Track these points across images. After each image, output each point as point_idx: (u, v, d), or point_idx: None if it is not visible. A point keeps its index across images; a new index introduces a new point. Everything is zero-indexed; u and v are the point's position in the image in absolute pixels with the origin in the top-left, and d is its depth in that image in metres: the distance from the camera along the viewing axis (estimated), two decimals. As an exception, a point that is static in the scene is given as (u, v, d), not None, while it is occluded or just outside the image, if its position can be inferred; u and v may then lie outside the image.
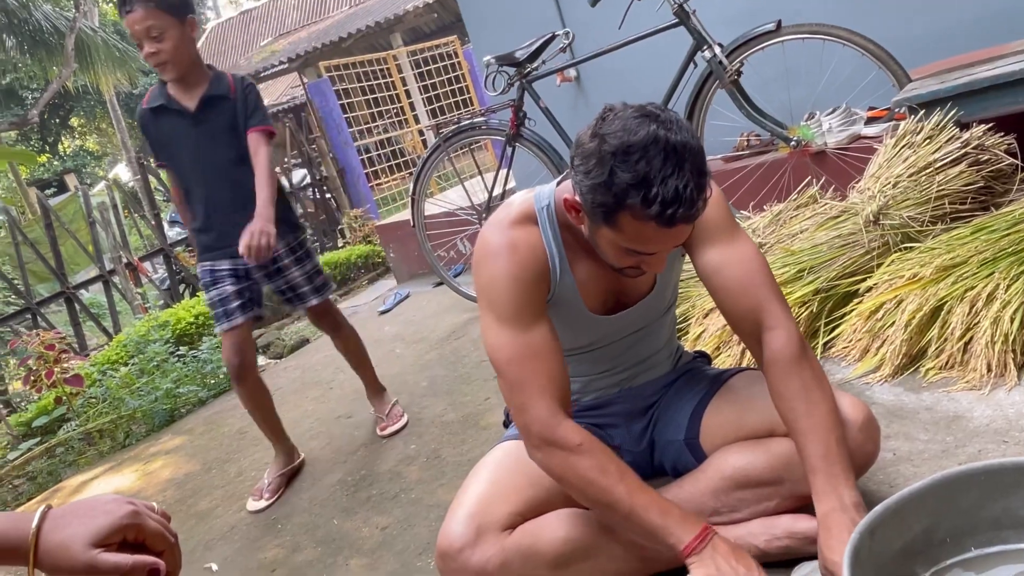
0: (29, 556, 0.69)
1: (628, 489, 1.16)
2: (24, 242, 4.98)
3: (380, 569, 1.75)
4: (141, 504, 0.75)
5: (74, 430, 3.42)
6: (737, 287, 1.27)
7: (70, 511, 0.72)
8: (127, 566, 0.70)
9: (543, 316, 1.27)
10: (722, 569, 1.12)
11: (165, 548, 0.75)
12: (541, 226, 1.30)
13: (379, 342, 3.64)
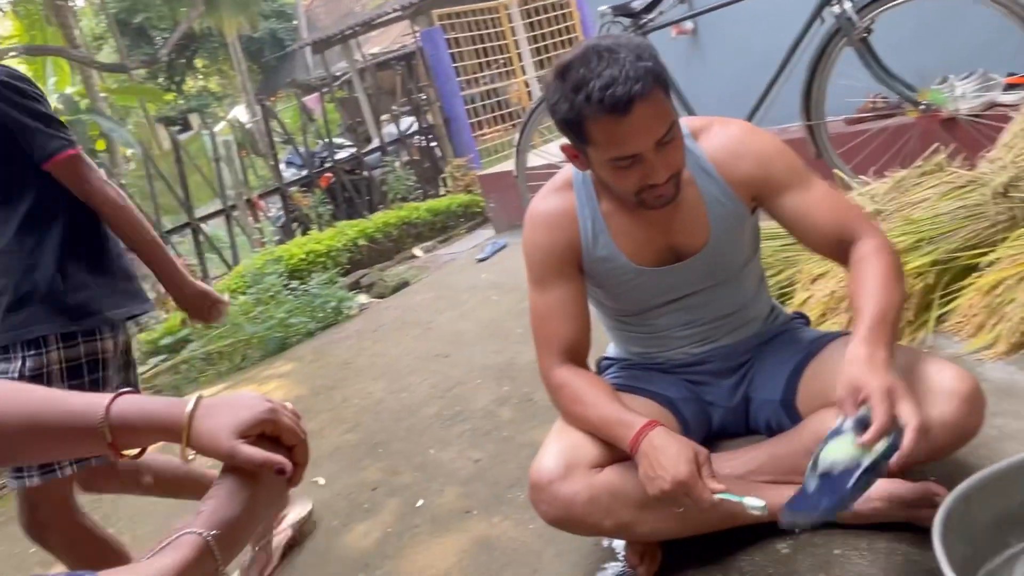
0: (183, 436, 0.78)
1: (596, 412, 1.30)
2: (156, 175, 5.35)
3: (473, 497, 1.85)
4: (278, 403, 0.83)
5: (196, 350, 3.71)
6: (824, 221, 1.31)
7: (219, 402, 0.81)
8: (260, 460, 0.77)
9: (567, 280, 1.39)
10: (646, 462, 1.20)
11: (296, 443, 0.82)
12: (576, 189, 1.39)
13: (476, 289, 3.75)
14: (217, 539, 0.73)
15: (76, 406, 0.78)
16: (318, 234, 5.15)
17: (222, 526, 0.75)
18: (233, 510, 0.77)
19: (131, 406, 0.79)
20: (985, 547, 1.05)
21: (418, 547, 1.71)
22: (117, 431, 0.78)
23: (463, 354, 2.85)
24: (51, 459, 1.42)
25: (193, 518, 0.76)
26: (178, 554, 0.71)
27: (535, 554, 1.55)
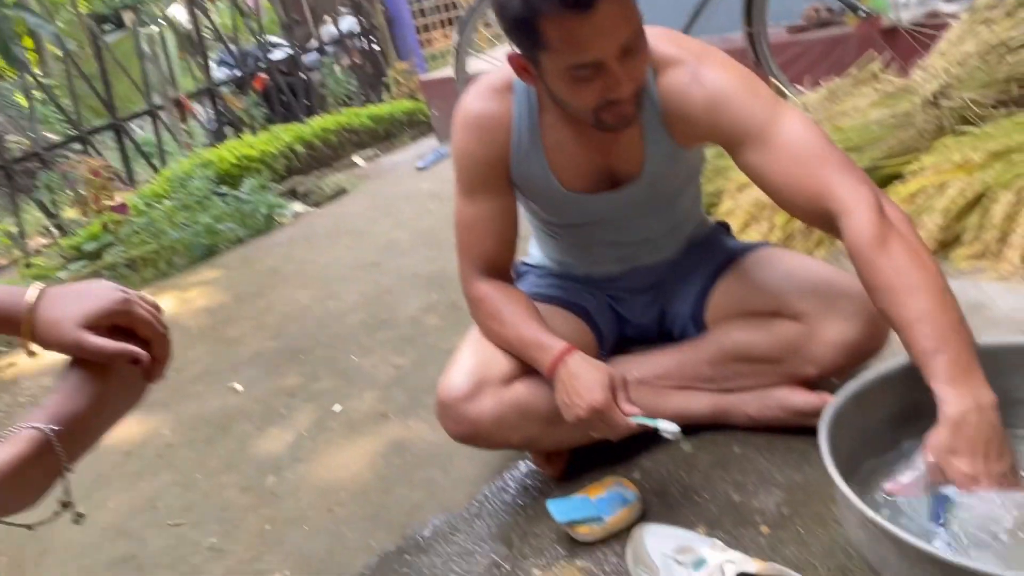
0: (24, 328, 0.72)
1: (514, 332, 1.26)
2: (77, 75, 5.01)
3: (391, 402, 1.84)
4: (133, 293, 0.77)
5: (119, 256, 3.57)
6: (791, 183, 1.10)
7: (65, 291, 0.74)
8: (110, 351, 0.72)
9: (495, 193, 1.30)
10: (563, 388, 1.17)
11: (153, 337, 0.76)
12: (516, 95, 1.25)
13: (413, 197, 3.66)
14: (59, 434, 0.69)
15: None
16: (251, 138, 4.93)
17: (65, 421, 0.70)
18: (78, 404, 0.72)
19: None
20: (875, 445, 1.08)
21: (331, 450, 1.70)
22: None
23: (395, 263, 2.79)
24: None
25: (37, 411, 0.71)
26: (14, 448, 0.67)
27: (447, 455, 1.55)
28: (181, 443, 1.89)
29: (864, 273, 1.03)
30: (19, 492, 0.68)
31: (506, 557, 1.21)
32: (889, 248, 1.00)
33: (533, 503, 1.33)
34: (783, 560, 1.04)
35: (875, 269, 1.01)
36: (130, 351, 0.74)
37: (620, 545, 1.15)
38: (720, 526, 1.15)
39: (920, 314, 0.95)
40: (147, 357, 0.75)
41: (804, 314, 1.22)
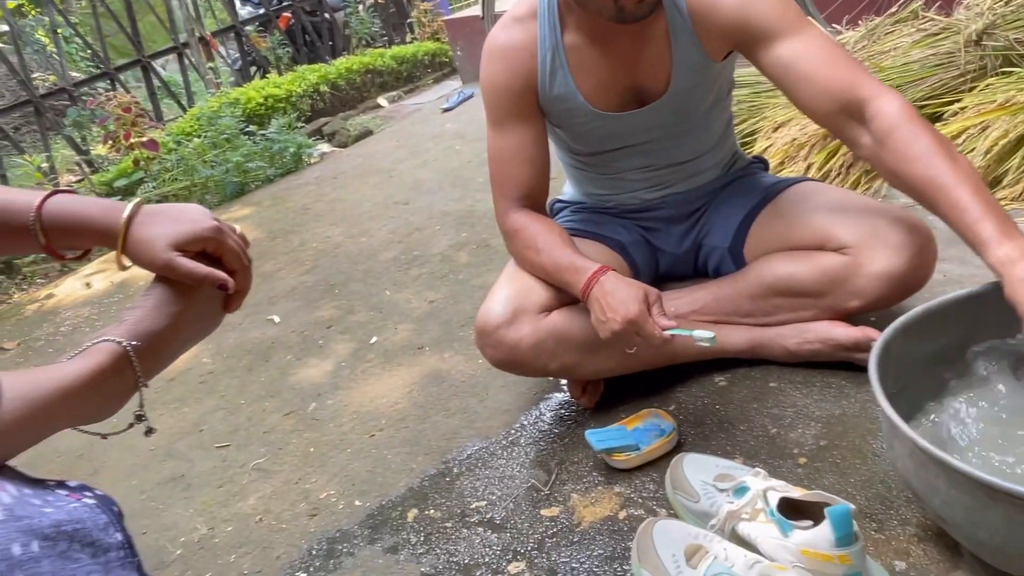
0: (118, 242, 0.73)
1: (549, 258, 1.27)
2: (103, 11, 4.98)
3: (425, 335, 1.87)
4: (225, 223, 0.78)
5: (151, 192, 3.61)
6: (820, 74, 1.13)
7: (161, 211, 0.75)
8: (200, 274, 0.73)
9: (525, 121, 1.32)
10: (597, 306, 1.19)
11: (239, 268, 0.77)
12: (539, 19, 1.28)
13: (440, 137, 3.65)
14: (137, 350, 0.70)
15: (16, 201, 0.73)
16: (277, 78, 4.91)
17: (144, 337, 0.71)
18: (159, 322, 0.73)
19: (64, 206, 0.73)
20: (921, 382, 1.08)
21: (369, 379, 1.74)
22: (50, 232, 0.73)
23: (423, 201, 2.80)
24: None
25: (114, 325, 0.72)
26: (92, 360, 0.68)
27: (482, 386, 1.59)
28: (223, 371, 1.95)
29: (905, 144, 1.04)
30: (95, 403, 0.69)
31: (545, 482, 1.25)
32: (926, 125, 1.05)
33: (569, 432, 1.36)
34: (822, 490, 1.07)
35: (917, 139, 1.03)
36: (219, 276, 0.74)
37: (658, 473, 1.19)
38: (757, 457, 1.18)
39: (962, 178, 0.98)
40: (233, 284, 0.76)
41: (849, 245, 1.22)
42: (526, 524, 1.16)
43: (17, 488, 0.57)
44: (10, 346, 2.48)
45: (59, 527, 0.56)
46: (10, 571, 0.51)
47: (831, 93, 1.12)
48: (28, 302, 2.89)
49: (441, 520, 1.22)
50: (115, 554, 0.59)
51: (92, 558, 0.57)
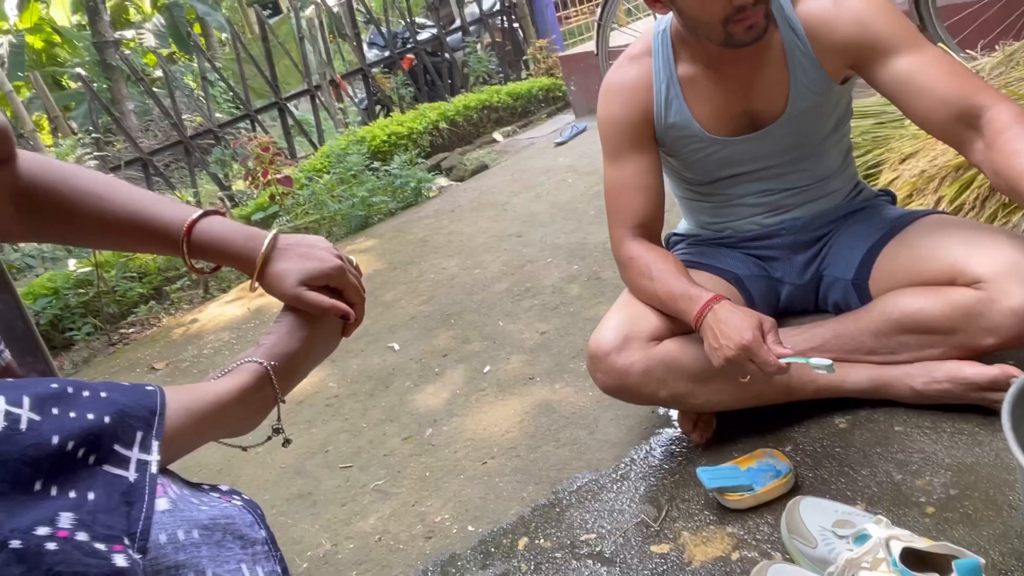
0: (255, 273, 0.83)
1: (663, 286, 1.29)
2: (246, 57, 5.43)
3: (537, 365, 1.91)
4: (346, 260, 0.87)
5: (285, 224, 3.87)
6: (938, 85, 1.16)
7: (292, 246, 0.84)
8: (325, 306, 0.82)
9: (641, 152, 1.36)
10: (711, 334, 1.19)
11: (356, 301, 0.86)
12: (654, 55, 1.33)
13: (552, 171, 3.72)
14: (276, 369, 0.79)
15: (166, 215, 0.83)
16: (400, 116, 5.16)
17: (281, 358, 0.80)
18: (292, 345, 0.82)
19: (212, 229, 0.83)
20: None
21: (483, 407, 1.80)
22: (195, 248, 0.83)
23: (536, 234, 2.87)
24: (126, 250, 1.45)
25: (255, 348, 0.81)
26: (239, 378, 0.77)
27: (592, 418, 1.60)
28: (347, 395, 2.06)
29: (1008, 142, 1.06)
30: (241, 417, 0.78)
31: (655, 518, 1.24)
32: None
33: (680, 468, 1.36)
34: (950, 542, 1.02)
35: (1022, 134, 1.05)
36: (341, 308, 0.84)
37: (772, 515, 1.16)
38: (880, 504, 1.13)
39: None
40: (353, 315, 0.86)
41: (983, 279, 1.16)
42: (635, 560, 1.17)
43: (179, 488, 0.65)
44: (160, 366, 2.72)
45: (214, 520, 0.63)
46: (175, 552, 0.58)
47: (949, 102, 1.15)
48: (175, 326, 3.16)
49: (551, 550, 1.25)
50: (260, 547, 0.66)
51: (242, 549, 0.64)
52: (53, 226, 0.85)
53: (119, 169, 4.60)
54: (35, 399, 0.57)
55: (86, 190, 0.83)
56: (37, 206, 0.82)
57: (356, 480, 1.65)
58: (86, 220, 0.83)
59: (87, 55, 10.86)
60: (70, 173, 0.84)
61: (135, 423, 0.62)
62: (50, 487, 0.53)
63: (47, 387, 0.59)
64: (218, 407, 0.74)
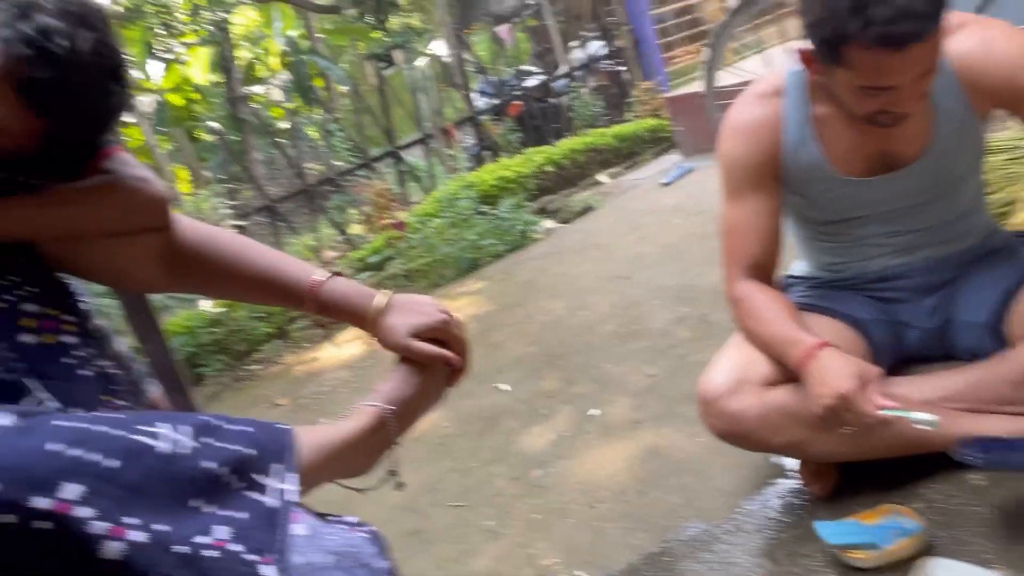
0: (369, 327, 0.92)
1: (769, 329, 1.27)
2: (363, 109, 5.76)
3: (644, 409, 1.90)
4: (451, 314, 0.95)
5: (399, 268, 4.04)
6: None
7: (403, 303, 0.93)
8: (434, 355, 0.90)
9: (762, 193, 1.33)
10: (812, 380, 1.16)
11: (461, 352, 0.93)
12: (787, 95, 1.31)
13: (657, 213, 3.70)
14: (392, 413, 0.85)
15: (293, 274, 0.93)
16: (507, 161, 5.30)
17: (398, 403, 0.87)
18: (406, 392, 0.89)
19: (336, 290, 0.93)
20: None
21: (590, 451, 1.80)
22: (320, 305, 0.92)
23: (642, 276, 2.86)
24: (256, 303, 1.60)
25: (373, 394, 0.88)
26: (360, 420, 0.84)
27: (704, 465, 1.57)
28: (457, 434, 2.11)
29: None
30: (361, 459, 0.85)
31: (772, 573, 1.20)
32: None
33: (798, 521, 1.31)
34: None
35: None
36: (448, 357, 0.91)
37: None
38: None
39: None
40: (459, 363, 0.92)
41: None
42: (751, 615, 1.13)
43: (312, 518, 0.72)
44: (283, 402, 2.88)
45: (344, 549, 0.70)
46: (311, 572, 0.65)
47: None
48: (297, 364, 3.34)
49: (662, 600, 1.23)
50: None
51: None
52: (195, 282, 0.97)
53: (249, 216, 4.95)
54: (195, 429, 0.65)
55: (225, 251, 0.94)
56: (184, 264, 0.93)
57: (466, 519, 1.68)
58: (225, 277, 0.95)
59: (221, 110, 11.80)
60: (212, 235, 0.96)
61: (272, 456, 0.69)
62: (205, 504, 0.61)
63: (202, 419, 0.68)
64: (342, 446, 0.81)
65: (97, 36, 0.80)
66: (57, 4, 0.79)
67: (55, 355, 0.79)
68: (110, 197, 0.86)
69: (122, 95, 0.85)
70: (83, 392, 0.79)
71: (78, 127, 0.83)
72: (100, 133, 0.86)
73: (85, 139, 0.85)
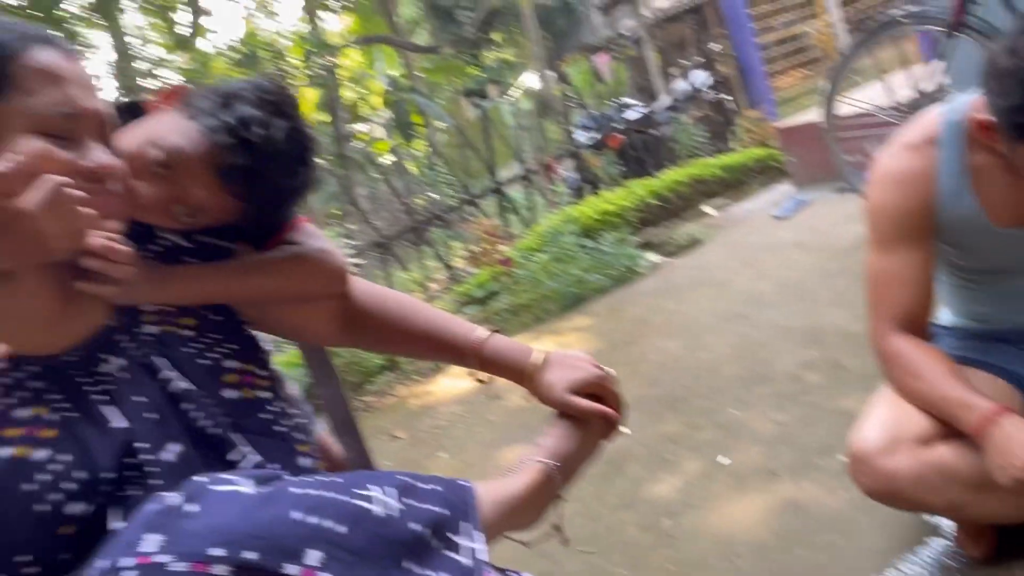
0: (527, 383, 0.96)
1: (934, 389, 1.21)
2: (465, 144, 5.91)
3: (778, 459, 1.83)
4: (604, 369, 0.99)
5: (504, 303, 4.09)
6: None
7: (560, 361, 0.98)
8: (593, 411, 0.93)
9: (914, 244, 1.29)
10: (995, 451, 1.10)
11: (616, 407, 0.97)
12: (943, 145, 1.26)
13: (774, 247, 3.60)
14: (557, 469, 0.89)
15: (458, 333, 0.99)
16: (609, 194, 5.30)
17: (561, 458, 0.90)
18: (569, 447, 0.92)
19: (497, 347, 0.98)
20: None
21: (721, 501, 1.75)
22: (482, 361, 0.98)
23: (763, 315, 2.78)
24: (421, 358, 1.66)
25: (535, 450, 0.91)
26: (529, 476, 0.87)
27: (850, 522, 1.50)
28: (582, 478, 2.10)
29: None
30: (531, 513, 0.88)
31: (936, 642, 1.13)
32: None
33: (960, 587, 1.23)
34: None
35: None
36: (604, 412, 0.95)
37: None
38: None
39: None
40: (616, 417, 0.96)
41: None
42: None
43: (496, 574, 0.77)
44: (401, 435, 2.95)
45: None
46: None
47: None
48: (411, 396, 3.42)
49: (820, 669, 1.17)
50: None
51: None
52: (370, 339, 1.04)
53: (362, 254, 5.15)
54: (398, 490, 0.69)
55: (394, 310, 1.01)
56: (359, 323, 1.01)
57: (598, 566, 1.66)
58: (394, 335, 1.01)
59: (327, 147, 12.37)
60: (382, 295, 1.03)
61: (461, 515, 0.73)
62: (416, 566, 0.65)
63: (400, 480, 0.72)
64: (515, 502, 0.85)
65: (290, 124, 0.87)
66: (256, 93, 0.87)
67: (253, 409, 0.85)
68: (298, 267, 0.94)
69: (309, 175, 0.92)
70: (279, 446, 0.84)
71: (269, 207, 0.90)
72: (288, 210, 0.93)
73: (275, 216, 0.93)
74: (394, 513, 0.66)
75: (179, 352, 0.83)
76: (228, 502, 0.59)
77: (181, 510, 0.58)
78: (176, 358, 0.82)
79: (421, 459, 2.68)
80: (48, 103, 0.70)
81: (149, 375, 0.80)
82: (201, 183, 0.85)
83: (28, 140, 0.69)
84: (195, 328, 0.86)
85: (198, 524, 0.57)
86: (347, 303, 1.00)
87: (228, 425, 0.81)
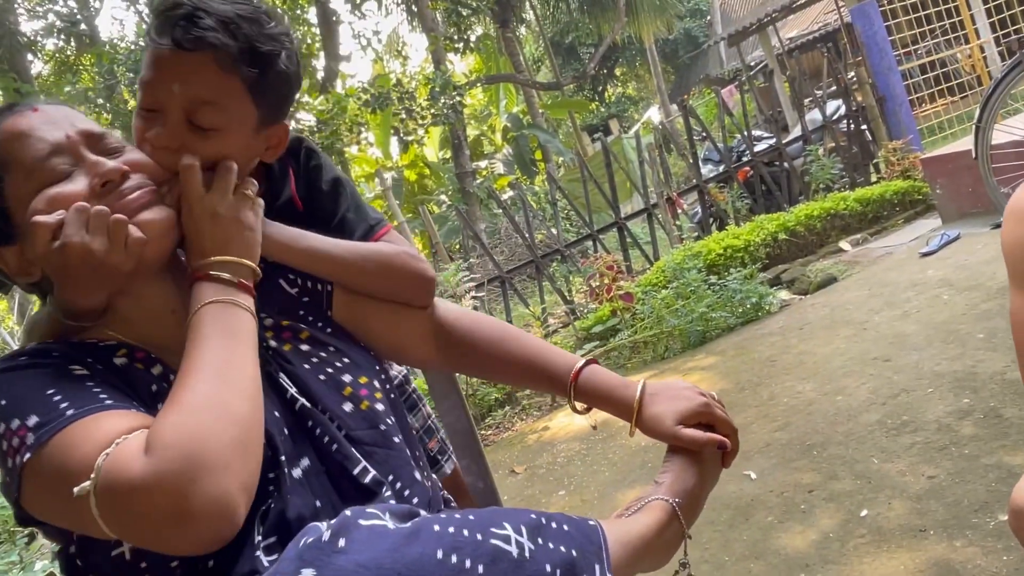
0: (630, 415, 0.92)
1: None
2: (590, 179, 5.92)
3: (927, 516, 1.68)
4: (710, 395, 0.92)
5: (625, 339, 4.02)
6: None
7: (661, 390, 0.93)
8: (703, 441, 0.88)
9: None
10: None
11: (728, 432, 0.90)
12: None
13: (921, 286, 3.35)
14: (680, 506, 0.84)
15: (558, 362, 0.97)
16: (735, 229, 5.13)
17: (683, 495, 0.86)
18: (689, 482, 0.87)
19: (594, 377, 0.95)
20: None
21: (864, 558, 1.62)
22: (579, 392, 0.95)
23: (908, 359, 2.58)
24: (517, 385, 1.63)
25: (655, 488, 0.88)
26: (653, 516, 0.83)
27: (1014, 591, 1.35)
28: (704, 523, 2.01)
29: None
30: (659, 554, 0.84)
31: None
32: None
33: None
34: None
35: None
36: (718, 440, 0.88)
37: None
38: None
39: None
40: (729, 445, 0.90)
41: None
42: None
43: None
44: (519, 470, 2.95)
45: None
46: None
47: None
48: (529, 431, 3.42)
49: None
50: None
51: None
52: (468, 363, 1.04)
53: (484, 287, 5.24)
54: (528, 529, 0.68)
55: (491, 336, 1.01)
56: (455, 346, 1.01)
57: (723, 620, 1.58)
58: (491, 360, 1.01)
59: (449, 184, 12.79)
60: (478, 320, 1.03)
61: (593, 557, 0.71)
62: None
63: (528, 517, 0.71)
64: (643, 542, 0.81)
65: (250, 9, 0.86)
66: None
67: (369, 422, 0.86)
68: (378, 257, 0.98)
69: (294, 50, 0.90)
70: (396, 460, 0.86)
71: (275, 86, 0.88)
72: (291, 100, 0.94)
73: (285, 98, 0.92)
74: (527, 554, 0.65)
75: (299, 368, 0.87)
76: (375, 538, 0.61)
77: (334, 545, 0.60)
78: (295, 373, 0.86)
79: (539, 495, 2.66)
80: (27, 159, 0.77)
81: (275, 390, 0.84)
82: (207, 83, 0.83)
83: (39, 196, 0.77)
84: (310, 341, 0.90)
85: (348, 560, 0.59)
86: (440, 324, 1.01)
87: (348, 439, 0.83)
